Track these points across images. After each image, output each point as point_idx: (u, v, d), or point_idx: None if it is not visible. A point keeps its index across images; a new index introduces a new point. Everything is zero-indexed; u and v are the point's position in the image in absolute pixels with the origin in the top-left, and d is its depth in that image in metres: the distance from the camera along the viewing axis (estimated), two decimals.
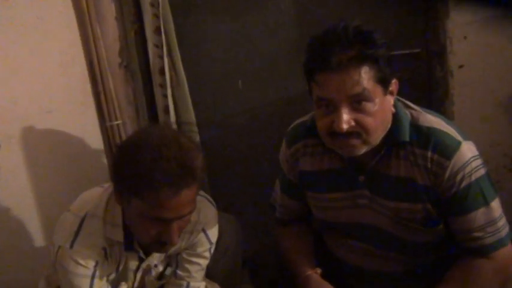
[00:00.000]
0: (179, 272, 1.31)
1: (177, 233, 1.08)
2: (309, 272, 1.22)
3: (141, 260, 1.26)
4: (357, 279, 1.30)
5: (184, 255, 1.31)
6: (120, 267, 1.24)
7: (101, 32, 1.72)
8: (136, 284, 1.31)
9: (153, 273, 1.32)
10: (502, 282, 1.11)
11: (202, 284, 1.33)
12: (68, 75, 1.68)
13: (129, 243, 1.19)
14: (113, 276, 1.24)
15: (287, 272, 1.29)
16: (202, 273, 1.33)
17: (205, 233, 1.29)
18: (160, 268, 1.35)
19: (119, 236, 1.17)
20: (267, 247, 1.46)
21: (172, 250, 1.29)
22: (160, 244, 1.11)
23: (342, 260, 1.30)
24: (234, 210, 1.93)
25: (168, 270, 1.36)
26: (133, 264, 1.26)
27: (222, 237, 1.39)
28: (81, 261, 1.15)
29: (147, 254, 1.25)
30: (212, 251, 1.33)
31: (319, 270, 1.23)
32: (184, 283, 1.31)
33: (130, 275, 1.28)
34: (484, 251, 1.10)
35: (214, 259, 1.38)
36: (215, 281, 1.38)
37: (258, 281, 1.42)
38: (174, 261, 1.34)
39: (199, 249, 1.30)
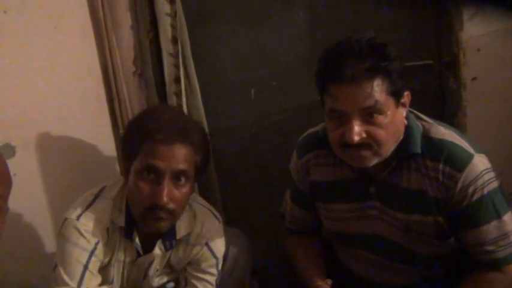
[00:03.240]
0: None
1: (167, 193, 1.11)
2: (319, 282, 1.21)
3: (138, 256, 1.26)
4: None
5: (190, 271, 1.30)
6: (115, 258, 1.24)
7: (116, 40, 1.73)
8: (127, 283, 1.30)
9: (154, 278, 1.31)
10: None
11: None
12: (83, 83, 1.69)
13: (129, 231, 1.21)
14: (106, 261, 1.24)
15: (297, 282, 1.29)
16: None
17: (209, 247, 1.29)
18: (165, 279, 1.35)
19: (121, 221, 1.21)
20: (277, 257, 1.46)
21: (175, 261, 1.30)
22: (153, 212, 1.13)
23: (352, 271, 1.30)
24: (245, 218, 1.93)
25: (170, 285, 1.36)
26: (129, 257, 1.26)
27: (230, 254, 1.39)
28: (85, 234, 1.18)
29: (146, 251, 1.25)
30: (220, 267, 1.32)
31: (329, 282, 1.22)
32: None
33: (123, 268, 1.27)
34: (496, 265, 1.09)
35: (222, 276, 1.37)
36: None
37: None
38: (182, 278, 1.33)
39: (204, 264, 1.29)
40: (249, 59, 1.89)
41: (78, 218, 1.18)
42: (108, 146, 1.76)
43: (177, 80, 1.72)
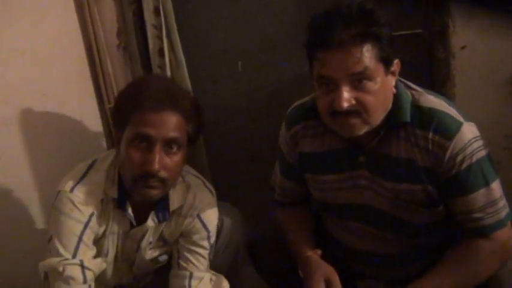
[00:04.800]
0: (181, 262, 1.30)
1: (159, 161, 1.11)
2: (309, 253, 1.22)
3: (132, 228, 1.26)
4: (357, 260, 1.30)
5: (182, 243, 1.31)
6: (109, 230, 1.24)
7: (98, 13, 1.69)
8: (121, 255, 1.31)
9: (148, 251, 1.31)
10: (501, 262, 1.12)
11: (207, 275, 1.31)
12: (65, 57, 1.66)
13: (122, 202, 1.21)
14: (100, 233, 1.24)
15: (288, 254, 1.30)
16: (206, 263, 1.32)
17: (200, 219, 1.29)
18: (157, 252, 1.35)
19: (113, 192, 1.21)
20: (268, 230, 1.46)
21: (168, 233, 1.30)
22: (145, 180, 1.13)
23: (342, 242, 1.30)
24: (234, 192, 1.92)
25: (163, 257, 1.36)
26: (123, 228, 1.26)
27: (225, 228, 1.39)
28: (79, 205, 1.17)
29: (139, 223, 1.25)
30: (212, 241, 1.33)
31: (318, 251, 1.24)
32: (187, 273, 1.29)
33: (117, 240, 1.27)
34: (484, 232, 1.10)
35: (217, 250, 1.38)
36: (220, 273, 1.37)
37: (259, 263, 1.43)
38: (175, 251, 1.33)
39: (195, 237, 1.29)
40: (236, 31, 1.86)
41: (71, 190, 1.18)
42: (93, 120, 1.74)
43: (160, 53, 1.68)
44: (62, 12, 1.65)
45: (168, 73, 1.69)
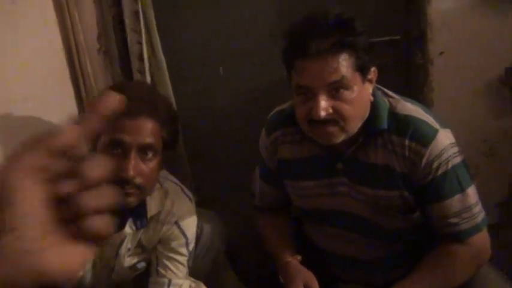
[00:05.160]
0: (160, 269, 1.29)
1: (134, 167, 1.10)
2: (289, 259, 1.23)
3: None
4: (336, 265, 1.31)
5: (161, 249, 1.30)
6: None
7: (78, 17, 1.68)
8: (100, 262, 1.30)
9: (126, 258, 1.31)
10: (477, 266, 1.14)
11: (186, 282, 1.30)
12: (45, 61, 1.64)
13: None
14: None
15: (269, 259, 1.30)
16: (184, 270, 1.31)
17: (178, 226, 1.28)
18: (135, 259, 1.34)
19: None
20: (250, 235, 1.47)
21: (146, 240, 1.29)
22: (120, 187, 1.10)
23: (321, 247, 1.31)
24: (216, 196, 1.92)
25: (141, 264, 1.35)
26: None
27: (204, 235, 1.39)
28: None
29: (117, 229, 1.24)
30: (191, 248, 1.32)
31: (298, 257, 1.24)
32: (166, 280, 1.28)
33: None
34: (460, 237, 1.11)
35: (196, 256, 1.37)
36: (199, 279, 1.36)
37: (239, 268, 1.43)
38: (154, 258, 1.32)
39: (174, 243, 1.29)
40: (217, 35, 1.86)
41: None
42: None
43: (141, 57, 1.67)
44: (42, 16, 1.63)
45: (148, 77, 1.68)
